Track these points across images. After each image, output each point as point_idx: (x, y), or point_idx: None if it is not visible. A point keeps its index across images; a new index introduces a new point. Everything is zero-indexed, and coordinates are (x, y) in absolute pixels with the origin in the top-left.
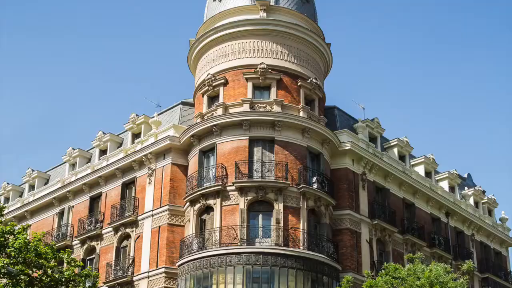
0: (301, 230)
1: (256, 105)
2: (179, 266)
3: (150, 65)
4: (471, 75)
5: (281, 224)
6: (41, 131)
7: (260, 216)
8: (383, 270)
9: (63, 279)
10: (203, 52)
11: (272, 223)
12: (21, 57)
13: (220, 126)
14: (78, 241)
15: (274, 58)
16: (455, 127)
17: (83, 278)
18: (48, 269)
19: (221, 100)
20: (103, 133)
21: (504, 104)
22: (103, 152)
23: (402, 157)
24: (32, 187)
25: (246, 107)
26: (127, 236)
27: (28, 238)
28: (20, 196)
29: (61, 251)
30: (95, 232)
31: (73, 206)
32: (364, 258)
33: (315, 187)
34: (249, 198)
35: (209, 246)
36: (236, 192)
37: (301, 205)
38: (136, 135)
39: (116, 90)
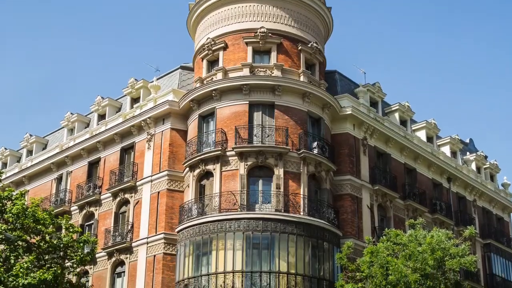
0: (302, 196)
1: (256, 70)
2: (178, 232)
3: (149, 29)
4: (473, 39)
5: (281, 189)
6: (39, 96)
7: (260, 181)
8: (384, 236)
9: (61, 245)
10: (202, 16)
11: (272, 188)
12: (19, 22)
13: (219, 91)
14: (76, 207)
15: (274, 22)
16: (457, 92)
17: (81, 244)
18: (46, 235)
19: (220, 64)
20: (102, 98)
21: (507, 68)
22: (101, 117)
23: (403, 122)
24: (30, 152)
25: (246, 71)
26: (126, 202)
27: (26, 203)
28: (18, 161)
29: (59, 217)
30: (93, 197)
31: (71, 172)
32: (365, 224)
33: (316, 152)
34: (249, 163)
35: (208, 211)
36: (236, 157)
37: (301, 170)
38: (135, 100)
39: (115, 55)
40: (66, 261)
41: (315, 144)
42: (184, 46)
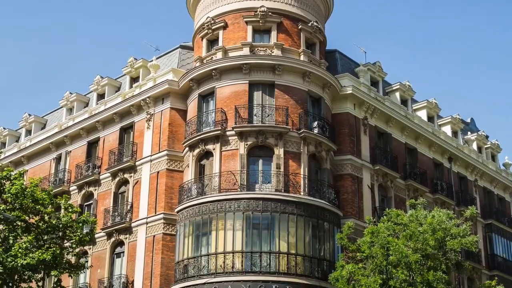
0: (302, 176)
1: (256, 49)
2: (178, 212)
3: (149, 8)
4: (474, 18)
5: (282, 169)
6: (38, 75)
7: (260, 161)
8: (385, 216)
9: (60, 225)
10: None
11: (272, 168)
12: (17, 1)
13: (219, 70)
14: (75, 187)
15: (274, 1)
16: (458, 71)
17: (80, 224)
18: (45, 215)
19: (220, 43)
20: (101, 77)
21: (508, 48)
22: (101, 96)
23: (404, 102)
24: (28, 132)
25: (246, 50)
26: (125, 182)
27: (24, 183)
28: (17, 141)
29: (58, 196)
30: (92, 177)
31: (70, 151)
32: (365, 204)
33: (316, 132)
34: (249, 143)
35: (208, 191)
36: (236, 137)
37: (301, 150)
38: (134, 79)
39: (114, 34)
40: (65, 241)
41: (315, 123)
42: (183, 25)
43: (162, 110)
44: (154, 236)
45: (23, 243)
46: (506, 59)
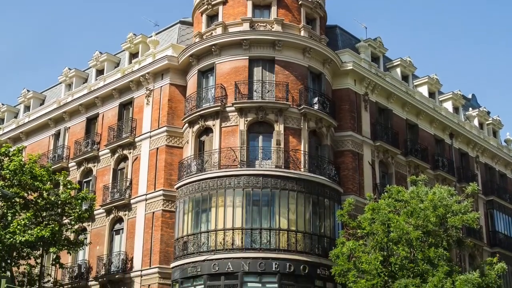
0: (302, 152)
1: (256, 24)
2: (177, 188)
3: None
4: None
5: (282, 145)
6: (37, 51)
7: (260, 137)
8: (385, 193)
9: (59, 202)
10: None
11: (273, 144)
12: None
13: (219, 46)
14: (74, 163)
15: None
16: (459, 47)
17: (79, 201)
18: (44, 191)
19: (220, 19)
20: (100, 52)
21: (510, 23)
22: (100, 72)
23: (405, 77)
24: (27, 108)
25: (246, 26)
26: (124, 158)
27: (23, 160)
28: (15, 117)
29: (57, 173)
30: (91, 153)
31: (69, 127)
32: (366, 181)
33: (316, 108)
34: (249, 119)
35: (208, 168)
36: (236, 113)
37: (302, 126)
38: (133, 55)
39: (114, 9)
40: (64, 218)
41: (315, 99)
42: (183, 0)
43: (161, 86)
44: (153, 212)
45: (21, 220)
46: (508, 35)
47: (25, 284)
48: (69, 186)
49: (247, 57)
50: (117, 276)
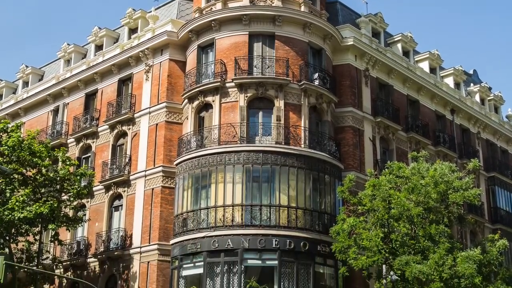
0: (302, 128)
1: (256, 0)
2: (177, 164)
3: None
4: None
5: (282, 121)
6: (36, 26)
7: (260, 113)
8: (386, 169)
9: (58, 178)
10: None
11: (273, 120)
12: None
13: (219, 21)
14: (73, 139)
15: None
16: (460, 22)
17: (78, 177)
18: (43, 168)
19: None
20: (99, 28)
21: None
22: (99, 47)
23: (406, 53)
24: (26, 84)
25: (245, 1)
26: (123, 134)
27: (22, 136)
28: (14, 93)
29: (56, 149)
30: (90, 130)
31: (68, 103)
32: (367, 157)
33: (317, 83)
34: (249, 95)
35: (208, 144)
36: (236, 89)
37: (302, 102)
38: (133, 30)
39: None
40: (63, 194)
41: (316, 75)
42: None
43: (161, 62)
44: (152, 189)
45: (20, 196)
46: (510, 11)
47: (23, 261)
48: (68, 163)
49: (247, 33)
50: (116, 253)
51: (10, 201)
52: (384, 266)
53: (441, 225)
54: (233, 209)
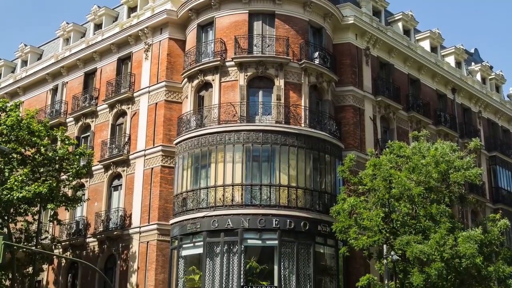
0: (303, 107)
1: None
2: (176, 144)
3: None
4: None
5: (282, 100)
6: (35, 5)
7: (260, 92)
8: (387, 149)
9: (57, 158)
10: None
11: (273, 99)
12: None
13: (219, 0)
14: (72, 119)
15: None
16: (461, 0)
17: (77, 157)
18: (41, 147)
19: None
20: (98, 7)
21: None
22: (98, 26)
23: (406, 32)
24: (24, 63)
25: None
26: (123, 113)
27: (20, 115)
28: (13, 72)
29: (55, 128)
30: (89, 109)
31: (67, 82)
32: (367, 136)
33: (317, 62)
34: (249, 74)
35: (207, 123)
36: (236, 68)
37: (302, 81)
38: (132, 9)
39: None
40: (62, 174)
41: (316, 54)
42: None
43: (160, 41)
44: (152, 168)
45: (19, 176)
46: None
47: (22, 241)
48: (67, 142)
49: (247, 11)
50: (115, 233)
51: (8, 181)
52: (384, 246)
53: (442, 204)
54: (233, 188)
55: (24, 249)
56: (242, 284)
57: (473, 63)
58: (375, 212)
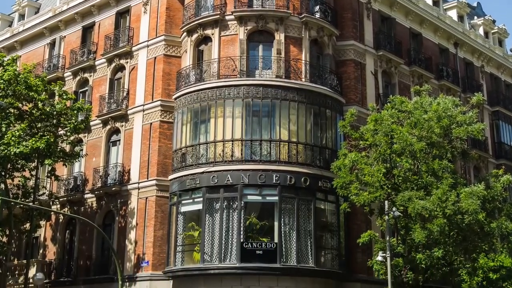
0: (303, 62)
1: None
2: (175, 99)
3: None
4: None
5: (282, 55)
6: None
7: (260, 46)
8: (388, 103)
9: (55, 113)
10: None
11: (273, 54)
12: None
13: None
14: (70, 73)
15: None
16: None
17: (75, 112)
18: (39, 102)
19: None
20: None
21: None
22: None
23: None
24: (22, 17)
25: None
26: (121, 68)
27: (17, 69)
28: (10, 25)
29: (52, 83)
30: (87, 63)
31: (64, 37)
32: (368, 91)
33: (318, 16)
34: (248, 28)
35: (207, 78)
36: (235, 22)
37: (303, 35)
38: None
39: None
40: (60, 129)
41: (317, 8)
42: None
43: None
44: (151, 123)
45: (16, 131)
46: None
47: (19, 197)
48: (64, 97)
49: None
50: (113, 189)
51: (5, 136)
52: (386, 202)
53: (444, 160)
54: (232, 144)
55: (22, 205)
56: (242, 240)
57: (475, 17)
58: (376, 167)
